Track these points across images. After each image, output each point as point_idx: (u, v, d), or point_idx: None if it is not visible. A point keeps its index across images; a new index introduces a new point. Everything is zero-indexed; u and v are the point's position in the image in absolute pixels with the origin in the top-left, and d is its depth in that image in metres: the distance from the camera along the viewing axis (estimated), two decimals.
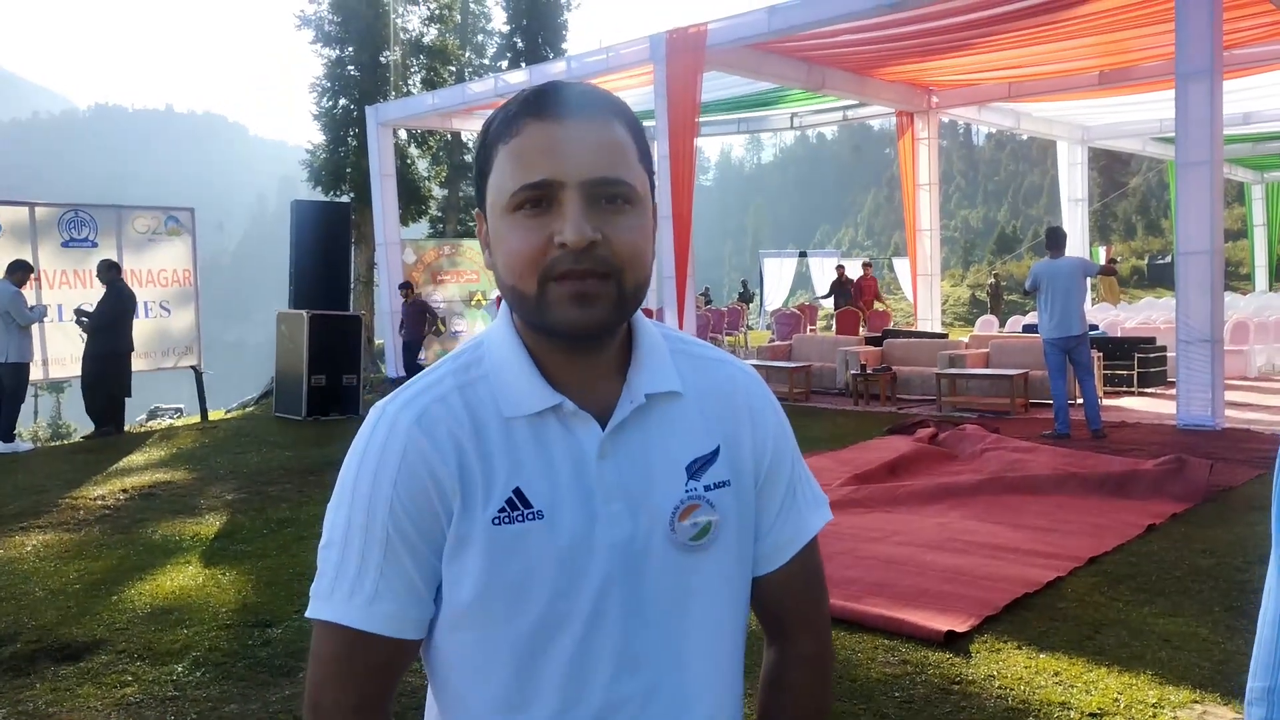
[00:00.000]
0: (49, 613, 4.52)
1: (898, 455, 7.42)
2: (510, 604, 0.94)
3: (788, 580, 1.08)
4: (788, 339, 15.19)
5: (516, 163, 0.91)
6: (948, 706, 3.28)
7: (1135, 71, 13.67)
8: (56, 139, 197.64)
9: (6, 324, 9.39)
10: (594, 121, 0.92)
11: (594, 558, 0.94)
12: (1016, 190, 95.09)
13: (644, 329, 1.02)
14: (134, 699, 3.54)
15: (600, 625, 0.95)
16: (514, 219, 0.91)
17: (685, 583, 0.98)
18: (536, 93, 0.93)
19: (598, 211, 0.90)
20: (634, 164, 0.94)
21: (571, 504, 0.94)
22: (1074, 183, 20.16)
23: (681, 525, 0.97)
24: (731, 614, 1.03)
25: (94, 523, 6.36)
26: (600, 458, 0.95)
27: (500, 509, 0.93)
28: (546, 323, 0.93)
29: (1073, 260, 8.56)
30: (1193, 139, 8.46)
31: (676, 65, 11.80)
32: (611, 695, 0.95)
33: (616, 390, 0.98)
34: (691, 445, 1.00)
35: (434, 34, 23.21)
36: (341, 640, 0.95)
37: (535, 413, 0.96)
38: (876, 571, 4.68)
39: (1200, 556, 4.88)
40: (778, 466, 1.06)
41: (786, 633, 1.10)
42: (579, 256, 0.89)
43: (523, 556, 0.93)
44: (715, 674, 1.02)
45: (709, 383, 1.04)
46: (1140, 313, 16.08)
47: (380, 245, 16.07)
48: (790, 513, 1.07)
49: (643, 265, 0.94)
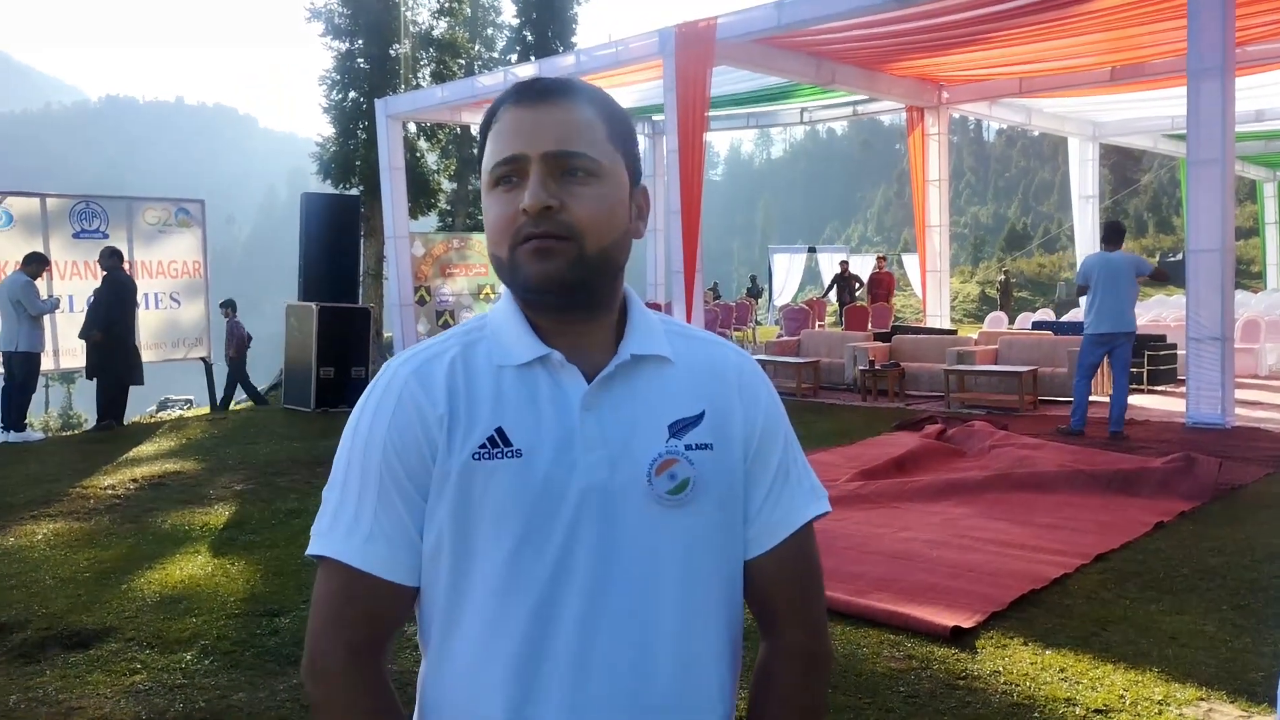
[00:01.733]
0: (59, 600, 4.55)
1: (905, 451, 7.41)
2: (485, 536, 0.98)
3: (778, 567, 1.08)
4: (796, 334, 15.18)
5: (495, 143, 1.02)
6: (953, 701, 3.28)
7: (1147, 68, 13.60)
8: (68, 130, 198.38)
9: (18, 314, 9.44)
10: (560, 104, 1.01)
11: (568, 498, 0.98)
12: (1027, 187, 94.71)
13: (638, 306, 1.09)
14: (143, 686, 3.56)
15: (570, 570, 0.98)
16: (494, 194, 1.02)
17: (661, 539, 1.01)
18: (516, 85, 1.04)
19: (559, 182, 0.99)
20: (599, 141, 1.02)
21: (551, 448, 0.99)
22: (1085, 179, 20.06)
23: (658, 479, 1.00)
24: (715, 584, 1.04)
25: (104, 512, 6.40)
26: (584, 409, 1.01)
27: (481, 445, 0.99)
28: (517, 282, 1.01)
29: (1127, 255, 8.28)
30: (1204, 136, 8.41)
31: (686, 59, 11.78)
32: (576, 646, 0.98)
33: (609, 357, 1.04)
34: (676, 407, 1.04)
35: (444, 27, 23.20)
36: (339, 580, 1.00)
37: (525, 362, 1.02)
38: (883, 567, 4.68)
39: (1208, 555, 4.87)
40: (768, 445, 1.08)
41: (776, 625, 1.10)
42: (538, 220, 0.98)
43: (498, 490, 0.98)
44: (692, 641, 1.02)
45: (701, 358, 1.08)
46: (1150, 310, 16.00)
47: (389, 238, 16.09)
48: (781, 495, 1.09)
49: (604, 231, 1.01)
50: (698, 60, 11.73)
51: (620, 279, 1.07)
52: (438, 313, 16.47)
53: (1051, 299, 32.22)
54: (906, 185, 18.94)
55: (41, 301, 9.64)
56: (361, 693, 0.99)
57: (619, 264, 1.04)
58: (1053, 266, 41.10)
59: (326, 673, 0.99)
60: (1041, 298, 34.25)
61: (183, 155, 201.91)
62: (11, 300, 9.41)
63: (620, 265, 1.05)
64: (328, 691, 0.99)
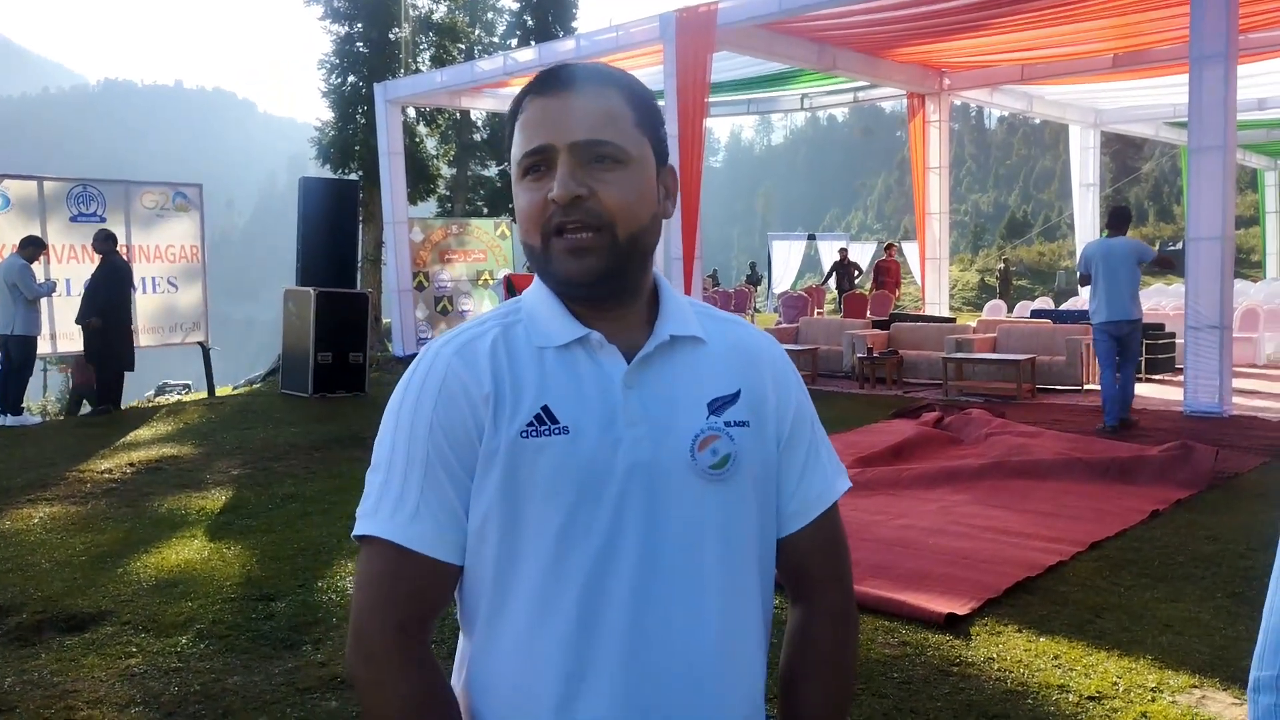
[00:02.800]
0: (55, 584, 4.56)
1: (903, 439, 7.41)
2: (535, 512, 1.00)
3: (814, 537, 1.13)
4: (795, 321, 15.16)
5: (523, 133, 1.03)
6: (946, 688, 3.29)
7: (1149, 54, 13.53)
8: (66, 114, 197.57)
9: (14, 297, 9.42)
10: (586, 92, 1.02)
11: (615, 474, 1.00)
12: (1028, 175, 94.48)
13: (669, 291, 1.12)
14: (138, 670, 3.57)
15: (619, 544, 1.00)
16: (523, 184, 1.04)
17: (703, 512, 1.03)
18: (541, 73, 1.05)
19: (587, 170, 1.01)
20: (627, 128, 1.03)
21: (596, 424, 1.01)
22: (1086, 167, 20.00)
23: (701, 454, 1.03)
24: (752, 557, 1.08)
25: (100, 496, 6.40)
26: (626, 387, 1.03)
27: (528, 423, 1.00)
28: (551, 274, 1.04)
29: (1129, 241, 8.08)
30: (1206, 123, 8.37)
31: (686, 44, 11.72)
32: (629, 617, 0.99)
33: (644, 337, 1.07)
34: (713, 385, 1.07)
35: (443, 11, 23.07)
36: (385, 559, 1.01)
37: (564, 343, 1.04)
38: (879, 554, 4.69)
39: (1203, 543, 4.87)
40: (799, 427, 1.13)
41: (812, 588, 1.15)
42: (567, 209, 1.00)
43: (547, 465, 0.99)
44: (734, 611, 1.05)
45: (734, 339, 1.12)
46: (1149, 299, 15.97)
47: (388, 224, 16.03)
48: (814, 472, 1.14)
49: (634, 218, 1.03)
50: (699, 45, 11.67)
51: (650, 261, 1.09)
52: (436, 298, 16.43)
53: (1051, 287, 32.19)
54: (907, 173, 18.87)
55: (38, 285, 9.62)
56: (414, 671, 1.00)
57: (650, 248, 1.07)
58: (1053, 255, 41.02)
59: (374, 655, 0.99)
60: (1041, 286, 34.22)
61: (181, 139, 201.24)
62: (8, 284, 9.39)
63: (651, 249, 1.07)
64: (378, 673, 0.99)
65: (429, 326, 16.30)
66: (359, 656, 1.00)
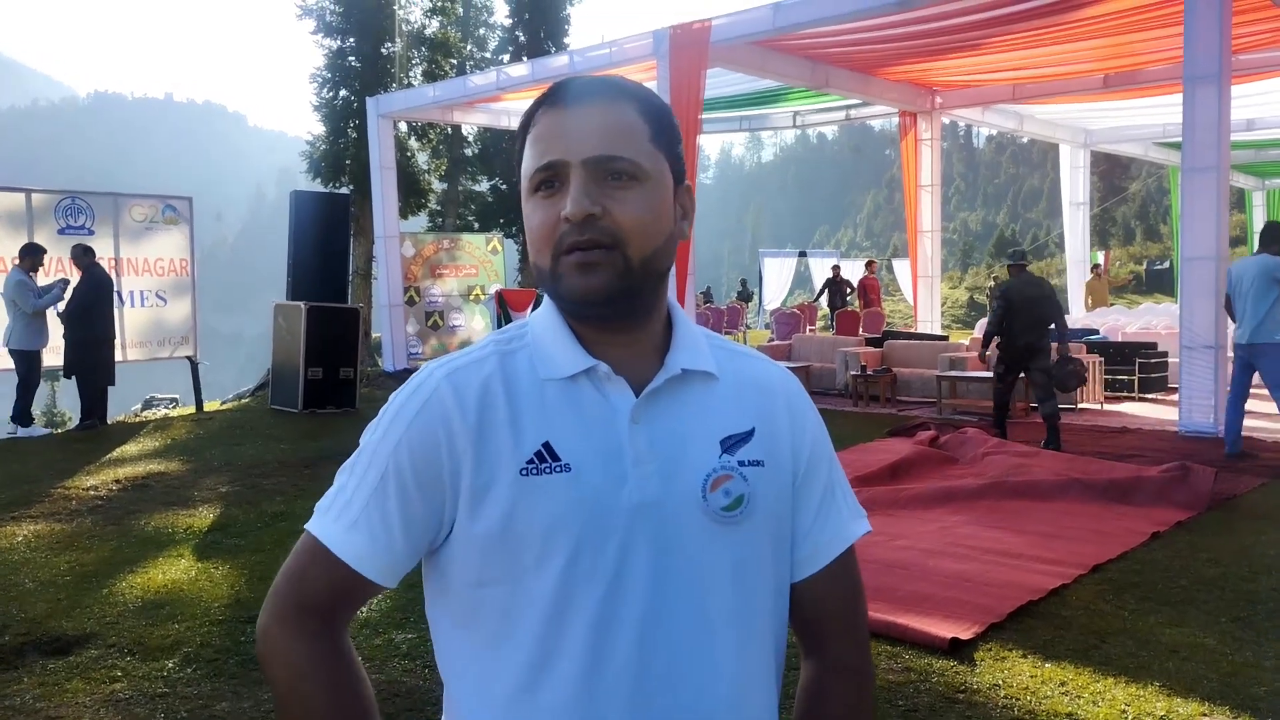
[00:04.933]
0: (38, 605, 4.45)
1: (898, 458, 7.36)
2: (536, 554, 0.94)
3: (829, 585, 1.08)
4: (787, 339, 15.13)
5: (534, 148, 0.98)
6: (953, 715, 3.22)
7: (1141, 75, 13.61)
8: (56, 126, 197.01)
9: (11, 312, 9.35)
10: (599, 106, 0.97)
11: (621, 515, 0.95)
12: (1016, 193, 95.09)
13: (683, 319, 1.06)
14: (123, 695, 3.47)
15: (625, 586, 0.94)
16: (534, 201, 0.99)
17: (715, 556, 0.98)
18: (554, 85, 1.00)
19: (601, 187, 0.96)
20: (642, 143, 0.98)
21: (601, 462, 0.96)
22: (1076, 186, 20.10)
23: (713, 495, 0.98)
24: (765, 603, 1.02)
25: (86, 513, 6.29)
26: (633, 421, 0.98)
27: (529, 460, 0.95)
28: (560, 293, 0.98)
29: (1261, 259, 7.55)
30: (1199, 143, 8.39)
31: (680, 61, 11.72)
32: (636, 663, 0.94)
33: (655, 369, 1.01)
34: (726, 423, 1.02)
35: (436, 26, 23.12)
36: (313, 555, 1.00)
37: (570, 375, 0.99)
38: (878, 576, 4.62)
39: (1205, 566, 4.82)
40: (815, 467, 1.08)
41: (827, 642, 1.09)
42: (581, 228, 0.95)
43: (548, 506, 0.94)
44: (746, 660, 1.00)
45: (747, 374, 1.07)
46: (1141, 318, 16.02)
47: (379, 238, 15.95)
48: (829, 515, 1.08)
49: (648, 237, 0.97)
50: (692, 62, 11.67)
51: (665, 284, 1.04)
52: (427, 313, 16.35)
53: None
54: (896, 191, 18.97)
55: (38, 298, 9.48)
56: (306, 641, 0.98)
57: (664, 269, 1.01)
58: (1041, 273, 41.21)
59: (267, 632, 1.00)
60: None
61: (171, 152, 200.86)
62: (6, 299, 9.32)
63: (665, 271, 1.02)
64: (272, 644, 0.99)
65: (420, 342, 16.21)
66: (260, 628, 1.01)
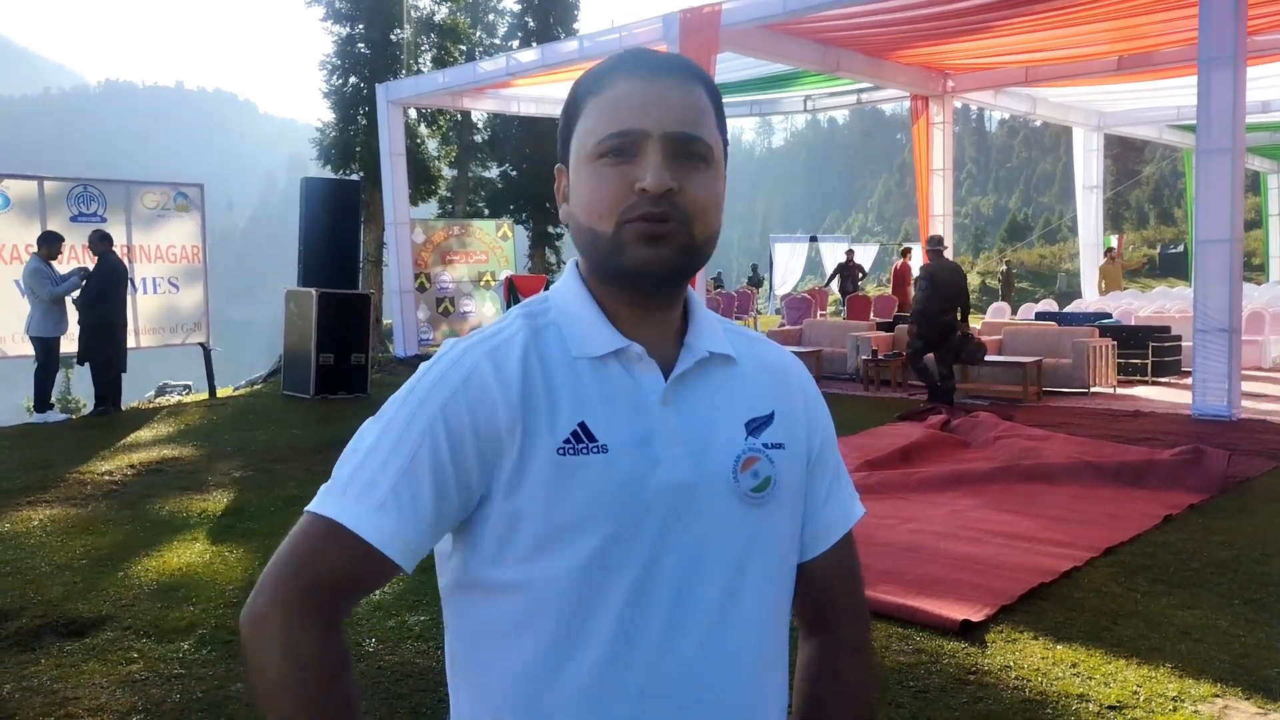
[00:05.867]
0: (55, 588, 4.49)
1: (910, 442, 7.35)
2: (570, 536, 0.93)
3: (834, 565, 1.10)
4: (798, 324, 15.10)
5: (606, 112, 0.96)
6: (964, 697, 3.23)
7: (1155, 57, 13.48)
8: (68, 115, 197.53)
9: (31, 299, 9.42)
10: (679, 81, 0.97)
11: (655, 498, 0.94)
12: (1029, 177, 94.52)
13: (699, 303, 1.07)
14: (139, 676, 3.51)
15: (658, 569, 0.94)
16: (596, 166, 0.96)
17: (741, 535, 0.98)
18: (629, 52, 1.00)
19: (676, 164, 0.95)
20: (711, 127, 0.99)
21: (634, 443, 0.95)
22: (1089, 169, 19.95)
23: (743, 476, 0.98)
24: (783, 582, 1.04)
25: (101, 498, 6.34)
26: (663, 404, 0.98)
27: (565, 440, 0.94)
28: (620, 262, 0.96)
29: None
30: (1214, 126, 8.31)
31: (690, 45, 11.66)
32: (662, 648, 0.94)
33: (675, 351, 1.01)
34: (749, 406, 1.02)
35: (445, 12, 23.02)
36: (328, 530, 0.92)
37: (601, 355, 0.98)
38: (889, 559, 4.62)
39: (1218, 548, 4.81)
40: (826, 450, 1.10)
41: (832, 621, 1.11)
42: (656, 201, 0.94)
43: (585, 488, 0.93)
44: (768, 639, 1.01)
45: (763, 358, 1.08)
46: (1154, 301, 15.94)
47: (390, 225, 15.97)
48: (837, 496, 1.11)
49: (712, 219, 0.98)
50: (702, 46, 11.61)
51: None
52: (437, 299, 16.38)
53: (1053, 290, 32.14)
54: (907, 175, 18.86)
55: (56, 285, 9.53)
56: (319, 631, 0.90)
57: (711, 253, 1.02)
58: (1054, 257, 40.99)
59: (265, 617, 0.90)
60: (1042, 289, 34.18)
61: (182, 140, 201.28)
62: (24, 287, 9.40)
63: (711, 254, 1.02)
64: (272, 627, 0.90)
65: (430, 328, 16.24)
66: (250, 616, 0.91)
